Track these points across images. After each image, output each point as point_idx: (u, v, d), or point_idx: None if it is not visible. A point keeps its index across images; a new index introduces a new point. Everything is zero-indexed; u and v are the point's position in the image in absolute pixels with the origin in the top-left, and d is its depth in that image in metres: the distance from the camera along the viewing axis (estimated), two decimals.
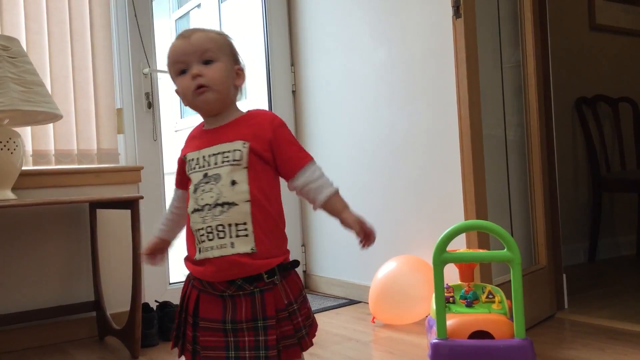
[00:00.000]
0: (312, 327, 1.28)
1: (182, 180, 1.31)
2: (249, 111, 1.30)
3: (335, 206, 1.24)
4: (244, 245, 1.18)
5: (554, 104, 2.46)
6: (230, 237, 1.18)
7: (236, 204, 1.18)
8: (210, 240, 1.20)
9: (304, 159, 1.24)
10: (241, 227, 1.18)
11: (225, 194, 1.19)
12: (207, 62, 1.24)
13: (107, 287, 2.47)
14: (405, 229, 2.58)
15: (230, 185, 1.19)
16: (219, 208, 1.19)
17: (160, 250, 1.39)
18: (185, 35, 1.26)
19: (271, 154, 1.23)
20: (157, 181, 2.72)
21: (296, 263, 1.28)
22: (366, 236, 1.22)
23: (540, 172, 2.35)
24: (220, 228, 1.19)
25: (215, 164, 1.22)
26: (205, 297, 1.24)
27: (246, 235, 1.18)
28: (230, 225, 1.18)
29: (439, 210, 2.41)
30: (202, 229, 1.21)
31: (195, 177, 1.24)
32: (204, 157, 1.24)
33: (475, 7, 2.03)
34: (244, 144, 1.21)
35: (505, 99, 2.34)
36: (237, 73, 1.29)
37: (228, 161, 1.21)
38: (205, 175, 1.22)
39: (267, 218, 1.20)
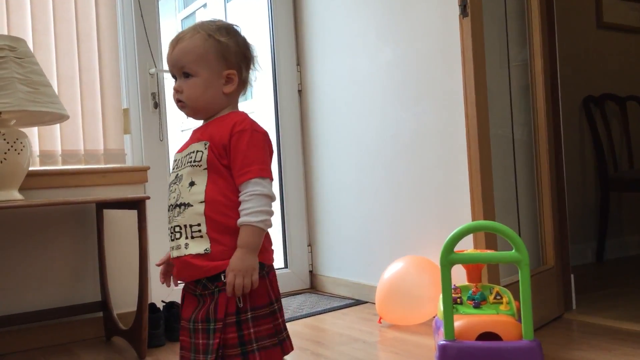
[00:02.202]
0: (280, 346, 1.21)
1: None
2: (228, 113, 1.28)
3: (240, 237, 1.17)
4: (198, 246, 1.18)
5: (561, 103, 2.44)
6: (186, 238, 1.19)
7: (191, 205, 1.19)
8: (172, 240, 1.23)
9: (244, 175, 1.18)
10: (195, 228, 1.19)
11: (183, 195, 1.21)
12: (187, 75, 1.25)
13: (113, 287, 2.47)
14: (412, 229, 2.57)
15: (188, 186, 1.21)
16: (177, 209, 1.21)
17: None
18: (171, 44, 1.27)
19: (227, 159, 1.20)
20: (164, 181, 2.71)
21: (269, 267, 1.24)
22: (229, 285, 1.14)
23: (548, 171, 2.34)
24: (177, 229, 1.21)
25: (184, 165, 1.24)
26: (187, 295, 1.26)
27: (201, 237, 1.18)
28: (185, 226, 1.20)
29: (446, 210, 2.40)
30: (168, 228, 1.25)
31: (171, 177, 1.28)
32: (181, 158, 1.27)
33: (482, 6, 2.02)
34: (205, 144, 1.22)
35: (512, 98, 2.33)
36: (228, 78, 1.26)
37: (190, 162, 1.22)
38: (176, 176, 1.25)
39: (227, 220, 1.18)
